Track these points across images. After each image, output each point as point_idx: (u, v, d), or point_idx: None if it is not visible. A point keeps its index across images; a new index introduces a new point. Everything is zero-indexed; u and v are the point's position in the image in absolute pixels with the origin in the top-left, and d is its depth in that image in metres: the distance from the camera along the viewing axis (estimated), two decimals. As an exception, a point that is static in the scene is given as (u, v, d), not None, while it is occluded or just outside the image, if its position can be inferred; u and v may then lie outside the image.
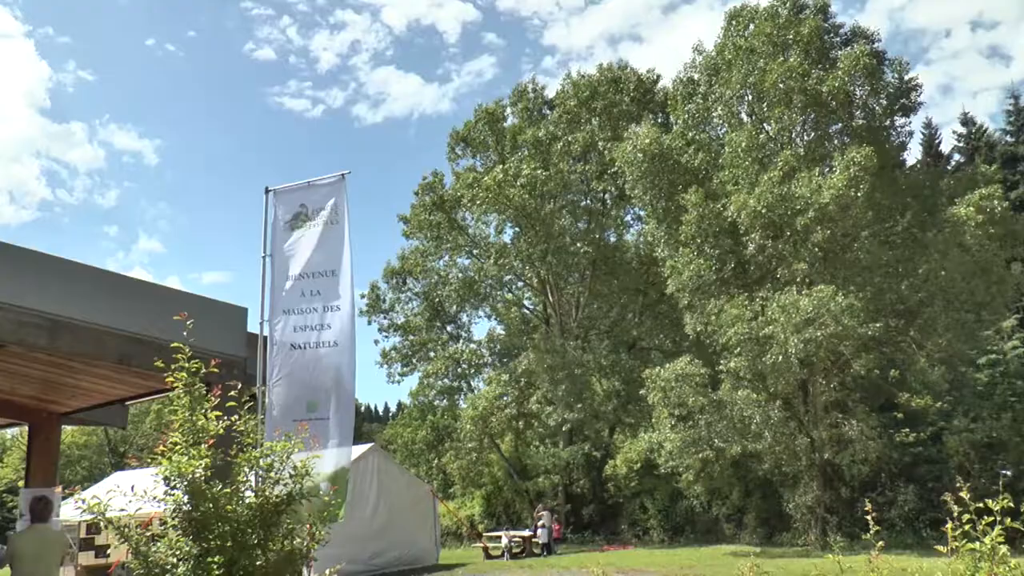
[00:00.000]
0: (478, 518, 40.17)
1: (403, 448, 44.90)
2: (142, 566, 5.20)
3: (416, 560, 25.34)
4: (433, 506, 27.65)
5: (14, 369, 10.05)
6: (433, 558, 26.58)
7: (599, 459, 36.62)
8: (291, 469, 5.56)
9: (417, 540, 25.93)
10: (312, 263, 8.95)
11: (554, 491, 38.04)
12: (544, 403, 35.43)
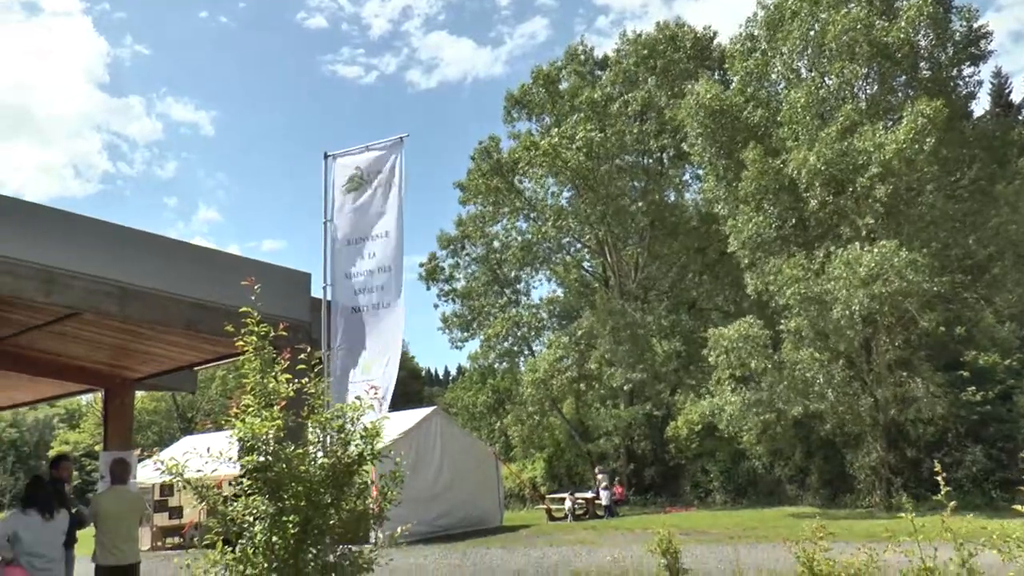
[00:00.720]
0: (540, 480, 40.44)
1: (464, 411, 45.31)
2: (220, 524, 5.34)
3: (480, 522, 25.64)
4: (496, 468, 27.91)
5: (89, 336, 10.34)
6: (497, 520, 26.88)
7: (660, 420, 36.55)
8: (362, 430, 5.65)
9: (481, 502, 26.23)
10: (369, 226, 9.02)
11: (616, 453, 38.09)
12: (604, 364, 35.41)
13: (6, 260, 7.61)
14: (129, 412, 12.75)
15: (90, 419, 57.16)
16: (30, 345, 10.89)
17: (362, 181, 9.19)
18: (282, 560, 5.28)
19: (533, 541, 21.56)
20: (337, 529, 5.59)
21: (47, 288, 7.79)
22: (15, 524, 8.55)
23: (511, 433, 42.15)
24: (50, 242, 7.91)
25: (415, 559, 17.74)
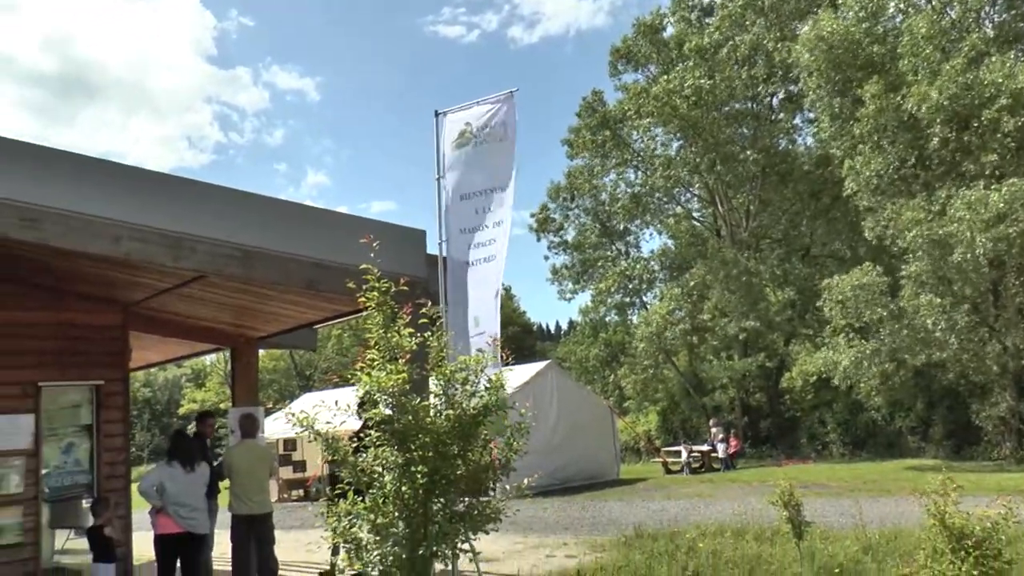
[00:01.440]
0: (655, 433, 40.35)
1: (577, 365, 45.39)
2: (351, 475, 5.50)
3: (597, 475, 25.77)
4: (612, 421, 27.95)
5: (214, 298, 10.71)
6: (614, 473, 26.96)
7: (775, 371, 35.92)
8: (486, 382, 5.71)
9: (597, 455, 26.33)
10: (481, 180, 9.05)
11: (731, 405, 37.69)
12: (717, 315, 34.93)
13: (136, 227, 7.93)
14: (254, 370, 13.23)
15: (214, 378, 59.47)
16: (160, 308, 11.35)
17: (473, 136, 9.21)
18: (411, 509, 5.41)
19: (651, 494, 21.56)
20: (464, 479, 5.69)
21: (174, 253, 8.10)
22: (161, 475, 9.03)
23: (625, 385, 42.07)
24: (176, 209, 8.21)
25: (534, 511, 17.94)
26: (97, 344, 10.43)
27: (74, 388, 10.39)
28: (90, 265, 9.54)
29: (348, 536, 5.48)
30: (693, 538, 11.33)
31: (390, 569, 5.52)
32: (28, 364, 9.90)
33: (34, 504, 9.72)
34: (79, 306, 10.39)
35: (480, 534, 5.81)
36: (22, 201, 7.46)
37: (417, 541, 5.45)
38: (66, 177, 7.86)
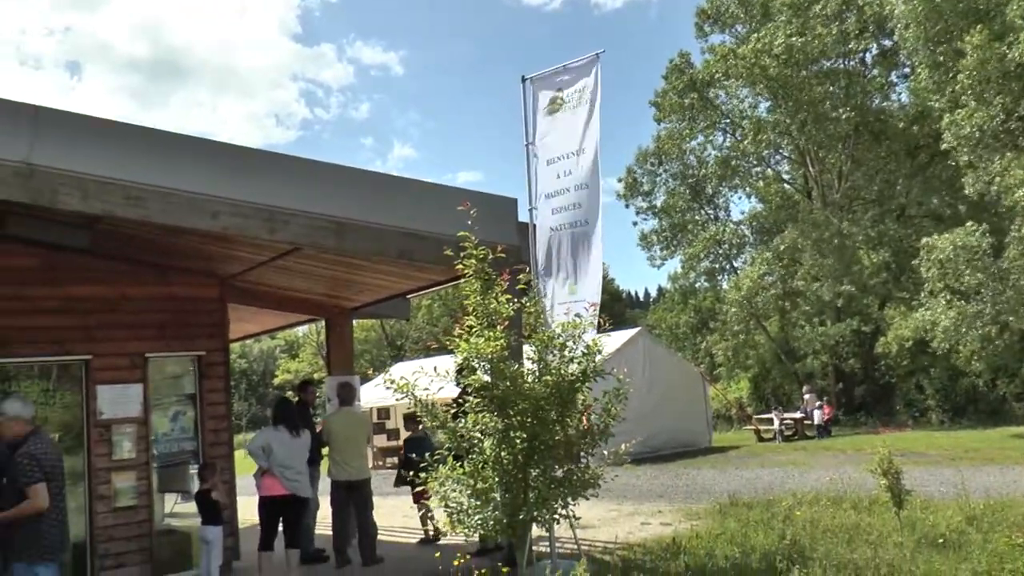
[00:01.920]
0: (746, 401, 39.89)
1: (667, 332, 45.08)
2: (451, 440, 5.58)
3: (689, 443, 25.59)
4: (703, 389, 27.69)
5: (309, 270, 10.94)
6: (706, 441, 26.74)
7: (869, 336, 35.07)
8: (583, 348, 5.71)
9: (689, 423, 26.13)
10: (566, 145, 9.00)
11: (823, 371, 36.98)
12: (810, 279, 34.21)
13: (233, 202, 8.15)
14: (348, 339, 13.48)
15: (307, 349, 60.77)
16: (256, 280, 11.64)
17: (561, 102, 9.17)
18: (510, 475, 5.46)
19: (744, 462, 21.34)
20: (563, 444, 5.72)
21: (270, 226, 8.31)
22: (269, 437, 9.32)
23: (715, 352, 41.63)
24: (271, 184, 8.42)
25: (627, 479, 17.94)
26: (198, 316, 10.75)
27: (178, 359, 10.73)
28: (190, 240, 9.83)
29: (449, 500, 5.56)
30: (789, 506, 11.18)
31: (490, 533, 5.60)
32: (135, 336, 10.25)
33: (146, 469, 10.12)
34: (180, 280, 10.71)
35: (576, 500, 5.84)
36: (127, 180, 7.74)
37: (516, 506, 5.51)
38: (167, 156, 8.10)
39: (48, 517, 6.47)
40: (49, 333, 9.79)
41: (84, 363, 9.98)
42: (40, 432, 6.83)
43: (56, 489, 6.58)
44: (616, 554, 9.60)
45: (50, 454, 6.64)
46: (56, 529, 6.60)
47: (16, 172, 7.28)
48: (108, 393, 10.00)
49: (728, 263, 41.10)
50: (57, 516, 6.62)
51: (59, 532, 6.66)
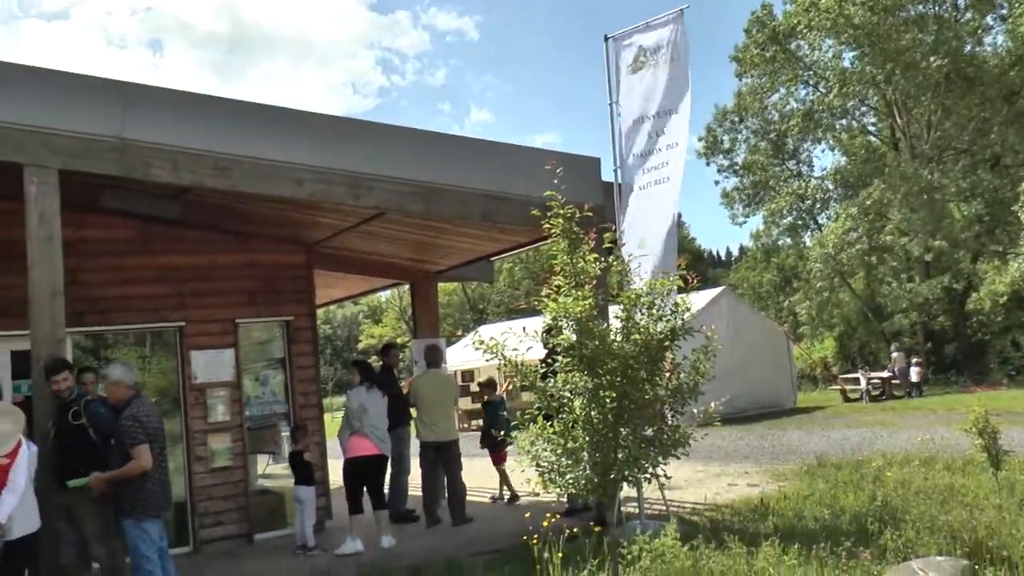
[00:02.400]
0: (831, 360, 39.19)
1: (750, 292, 44.46)
2: (540, 400, 5.61)
3: (773, 403, 25.30)
4: (788, 348, 27.29)
5: (393, 234, 11.06)
6: (790, 401, 26.41)
7: (960, 293, 34.03)
8: (672, 306, 5.67)
9: (773, 383, 25.81)
10: (656, 103, 8.88)
11: (912, 329, 36.08)
12: (898, 234, 33.27)
13: (318, 170, 8.31)
14: (433, 303, 13.63)
15: (390, 314, 61.60)
16: (342, 246, 11.81)
17: (645, 59, 9.04)
18: (600, 434, 5.47)
19: (830, 422, 21.01)
20: (653, 403, 5.71)
21: (354, 192, 8.45)
22: (362, 398, 9.48)
23: (799, 311, 40.92)
24: (354, 150, 8.56)
25: (712, 440, 17.80)
26: (285, 283, 10.96)
27: (267, 324, 10.99)
28: (277, 208, 10.02)
29: (540, 460, 5.60)
30: (879, 467, 10.97)
31: (581, 492, 5.63)
32: (226, 303, 10.52)
33: (239, 431, 10.41)
34: (268, 248, 10.92)
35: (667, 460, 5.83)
36: (214, 151, 7.96)
37: (607, 466, 5.52)
38: (252, 126, 8.29)
39: (152, 476, 6.74)
40: (145, 301, 10.10)
41: (178, 330, 10.29)
42: (142, 396, 7.09)
43: (158, 450, 6.85)
44: (704, 515, 9.59)
45: (152, 416, 6.90)
46: (160, 488, 6.87)
47: (110, 147, 7.54)
48: (202, 358, 10.30)
49: (812, 219, 40.24)
50: (160, 475, 6.89)
51: (163, 490, 6.94)
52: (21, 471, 6.20)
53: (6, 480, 6.12)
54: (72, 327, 8.07)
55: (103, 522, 7.08)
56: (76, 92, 7.65)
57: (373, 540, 9.28)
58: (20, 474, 6.19)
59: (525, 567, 6.92)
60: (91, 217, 9.71)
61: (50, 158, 7.32)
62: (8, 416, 6.22)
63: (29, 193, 7.26)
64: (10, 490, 6.12)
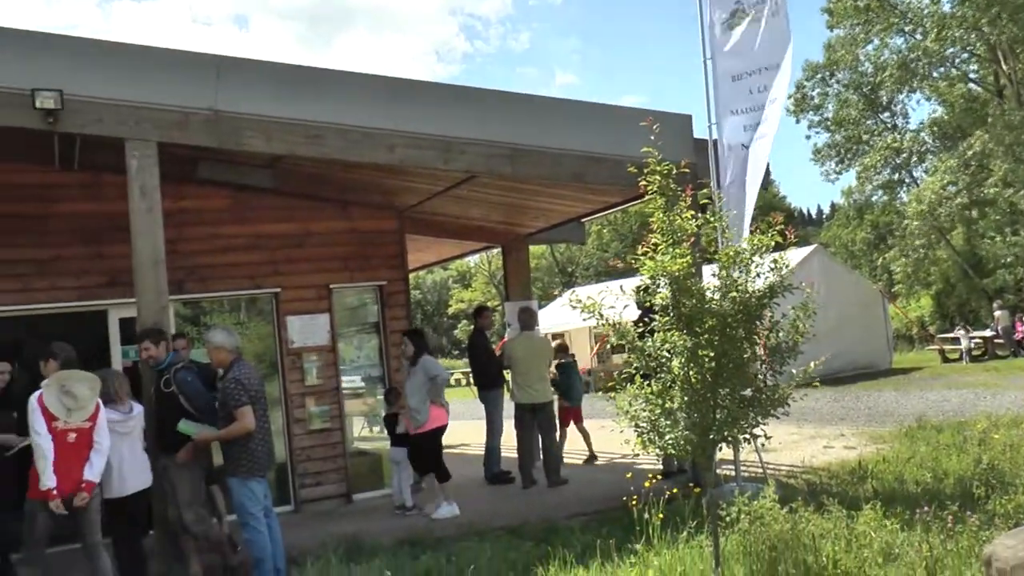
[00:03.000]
0: (928, 319, 38.08)
1: (842, 250, 43.42)
2: (639, 359, 5.56)
3: (868, 364, 24.73)
4: (883, 308, 26.61)
5: (484, 197, 11.09)
6: (886, 362, 25.77)
7: (1071, 244, 32.60)
8: (770, 263, 5.55)
9: (868, 343, 25.20)
10: (755, 59, 8.63)
11: (1016, 286, 34.75)
12: (1001, 186, 31.96)
13: (408, 135, 8.39)
14: (525, 265, 13.67)
15: (479, 278, 61.94)
16: (433, 211, 11.90)
17: (743, 14, 8.78)
18: (699, 394, 5.40)
19: (928, 384, 20.44)
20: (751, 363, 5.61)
21: (445, 156, 8.51)
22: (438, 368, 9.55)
23: (894, 269, 39.78)
24: (445, 115, 8.61)
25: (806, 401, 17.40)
26: (378, 248, 11.09)
27: (361, 289, 11.15)
28: (368, 174, 10.14)
29: (638, 421, 5.57)
30: (984, 429, 10.63)
31: (680, 453, 5.58)
32: (320, 269, 10.69)
33: (336, 394, 10.62)
34: (360, 214, 11.05)
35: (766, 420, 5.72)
36: (306, 120, 8.10)
37: (705, 426, 5.46)
38: (343, 94, 8.40)
39: (256, 437, 6.95)
40: (241, 269, 10.35)
41: (274, 296, 10.52)
42: (243, 359, 7.28)
43: (261, 411, 7.04)
44: (800, 478, 9.46)
45: (253, 379, 7.09)
46: (263, 448, 7.07)
47: (205, 120, 7.78)
48: (297, 323, 10.52)
49: (907, 173, 38.95)
50: (263, 436, 7.09)
51: (266, 450, 7.14)
52: (103, 433, 6.52)
53: (91, 442, 6.41)
54: (173, 295, 8.34)
55: (193, 488, 7.35)
56: (171, 67, 7.89)
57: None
58: (103, 435, 6.52)
59: (623, 529, 6.94)
60: (188, 188, 9.98)
61: (149, 132, 7.60)
62: (85, 382, 6.46)
63: (130, 166, 7.55)
64: (96, 451, 6.46)
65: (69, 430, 6.26)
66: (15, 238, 9.32)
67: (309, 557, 7.25)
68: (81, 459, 6.33)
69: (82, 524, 6.46)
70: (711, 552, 5.80)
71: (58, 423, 6.23)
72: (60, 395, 6.26)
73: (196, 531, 7.35)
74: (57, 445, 6.22)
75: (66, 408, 6.26)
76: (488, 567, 6.72)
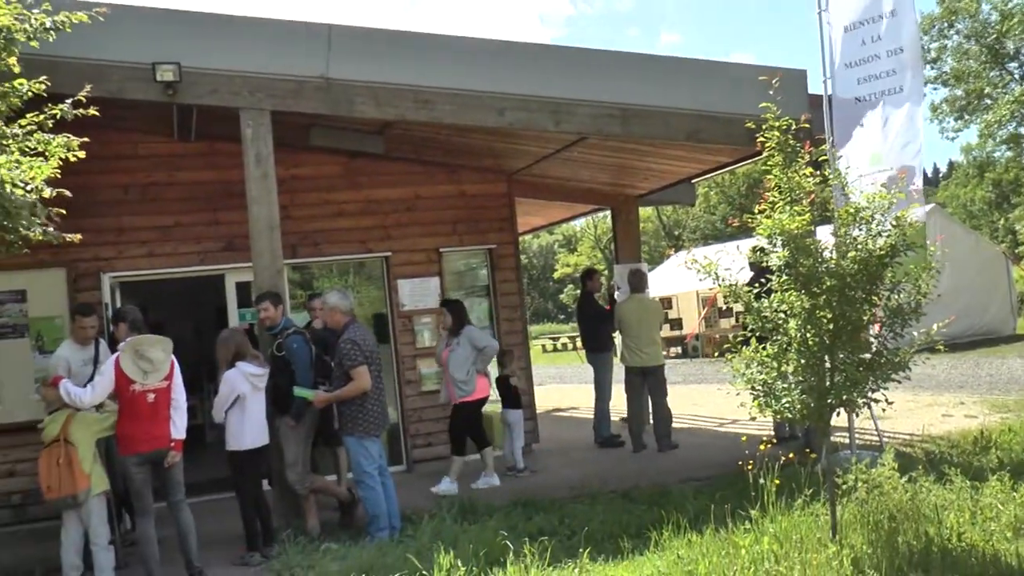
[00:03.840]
0: (1058, 282, 36.28)
1: (960, 210, 41.72)
2: (754, 321, 5.43)
3: (990, 330, 23.67)
4: (1006, 270, 25.43)
5: (594, 159, 11.02)
6: (1009, 327, 24.59)
7: None
8: (892, 221, 5.33)
9: (989, 307, 24.09)
10: (870, 7, 8.26)
11: None
12: None
13: (518, 97, 8.37)
14: (635, 227, 13.56)
15: (585, 243, 61.77)
16: (542, 174, 11.87)
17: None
18: (816, 357, 5.26)
19: (1057, 350, 19.51)
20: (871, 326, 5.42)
21: (555, 118, 8.49)
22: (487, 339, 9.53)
23: (1018, 229, 37.99)
24: (554, 76, 8.55)
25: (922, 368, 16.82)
26: (487, 212, 11.13)
27: (471, 252, 11.23)
28: (478, 138, 10.18)
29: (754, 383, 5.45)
30: (1124, 398, 10.08)
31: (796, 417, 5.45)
32: (430, 233, 10.81)
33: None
34: (470, 178, 11.10)
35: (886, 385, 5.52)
36: (416, 85, 8.18)
37: (822, 390, 5.31)
38: (452, 58, 8.44)
39: (371, 397, 7.11)
40: (353, 233, 10.55)
41: (384, 259, 10.69)
42: (357, 321, 7.44)
43: (375, 372, 7.19)
44: (918, 447, 9.14)
45: (368, 340, 7.26)
46: (378, 407, 7.25)
47: (316, 87, 7.94)
48: (408, 286, 10.68)
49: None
50: (378, 396, 7.26)
51: (381, 410, 7.32)
52: (180, 390, 6.77)
53: (170, 400, 6.66)
54: (287, 259, 8.56)
55: (298, 450, 7.56)
56: (284, 37, 8.08)
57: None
58: (180, 393, 6.77)
59: (736, 494, 6.84)
60: (301, 155, 10.21)
61: (263, 101, 7.84)
62: (158, 345, 6.68)
63: (245, 135, 7.82)
64: (175, 408, 6.69)
65: (147, 391, 6.52)
66: (140, 206, 9.74)
67: (423, 516, 7.37)
68: (162, 418, 6.58)
69: (168, 481, 6.73)
70: (827, 520, 5.67)
71: (136, 386, 6.49)
72: (136, 360, 6.52)
73: (299, 490, 7.58)
74: (138, 407, 6.49)
75: (142, 371, 6.51)
76: (601, 529, 6.73)
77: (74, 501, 6.38)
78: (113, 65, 7.44)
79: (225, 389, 7.05)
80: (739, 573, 5.08)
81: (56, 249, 7.68)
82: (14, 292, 8.64)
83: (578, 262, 58.49)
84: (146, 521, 6.62)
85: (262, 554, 7.00)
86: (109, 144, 8.13)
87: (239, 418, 7.04)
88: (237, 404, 7.04)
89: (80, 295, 9.26)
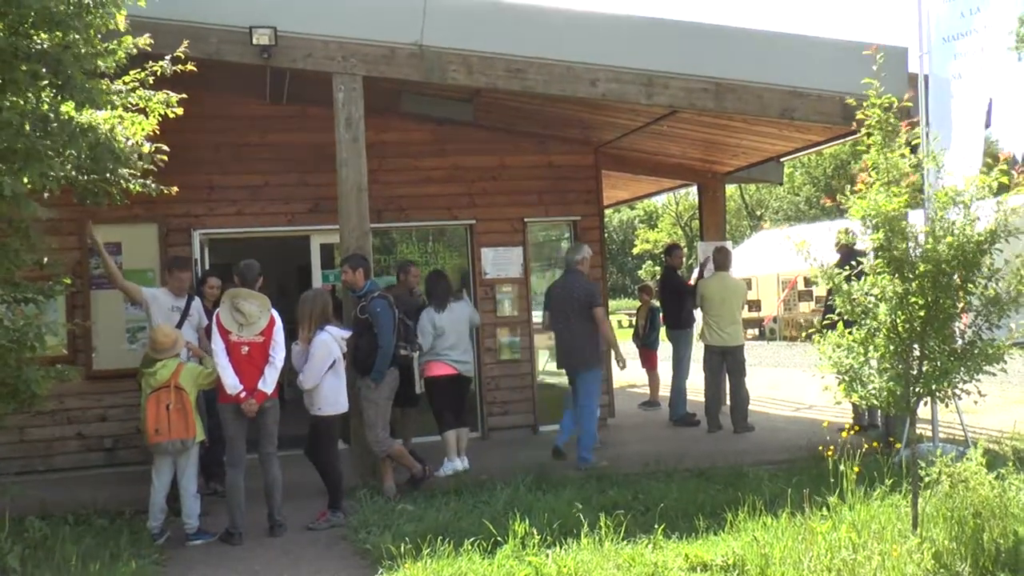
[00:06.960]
0: None
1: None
2: (844, 304, 5.30)
3: (1092, 325, 22.78)
4: None
5: (684, 133, 10.90)
6: (1115, 325, 23.64)
7: None
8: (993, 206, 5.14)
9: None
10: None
11: None
12: None
13: (612, 69, 8.33)
14: (721, 205, 13.36)
15: (666, 219, 61.01)
16: (629, 147, 11.79)
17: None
18: (905, 344, 5.13)
19: None
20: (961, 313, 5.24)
21: (648, 91, 8.42)
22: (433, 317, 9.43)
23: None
24: (649, 48, 8.49)
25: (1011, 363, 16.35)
26: (573, 183, 11.09)
27: (555, 224, 11.23)
28: (567, 109, 10.14)
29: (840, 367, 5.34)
30: None
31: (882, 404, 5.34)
32: (515, 202, 10.82)
33: (527, 326, 10.82)
34: (557, 149, 11.07)
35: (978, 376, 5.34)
36: (508, 54, 8.20)
37: (911, 378, 5.18)
38: (546, 28, 8.43)
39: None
40: (438, 200, 10.62)
41: (469, 227, 10.76)
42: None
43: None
44: (1006, 443, 8.83)
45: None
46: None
47: (410, 54, 8.03)
48: (491, 255, 10.74)
49: None
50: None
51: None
52: (279, 349, 6.84)
53: (267, 356, 6.77)
54: (373, 223, 8.65)
55: (377, 411, 7.63)
56: (378, 3, 8.22)
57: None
58: (278, 351, 6.83)
59: (813, 480, 6.75)
60: (390, 121, 10.31)
61: (356, 66, 7.97)
62: (254, 300, 6.82)
63: (337, 99, 7.96)
64: (270, 364, 6.78)
65: (242, 343, 6.67)
66: (231, 165, 9.97)
67: (498, 483, 7.43)
68: (255, 371, 6.70)
69: (261, 434, 6.88)
70: (908, 512, 5.55)
71: (232, 336, 6.67)
72: (231, 311, 6.69)
73: (377, 451, 7.68)
74: (233, 357, 6.65)
75: (237, 323, 6.67)
76: (675, 506, 6.70)
77: (183, 446, 6.61)
78: (211, 28, 7.65)
79: (322, 352, 7.00)
80: (815, 559, 5.01)
81: (149, 204, 7.94)
82: (110, 244, 8.89)
83: (658, 239, 57.80)
84: (236, 471, 6.78)
85: (346, 513, 7.12)
86: (203, 104, 8.32)
87: (334, 382, 7.13)
88: (332, 368, 7.11)
89: (171, 250, 9.54)
